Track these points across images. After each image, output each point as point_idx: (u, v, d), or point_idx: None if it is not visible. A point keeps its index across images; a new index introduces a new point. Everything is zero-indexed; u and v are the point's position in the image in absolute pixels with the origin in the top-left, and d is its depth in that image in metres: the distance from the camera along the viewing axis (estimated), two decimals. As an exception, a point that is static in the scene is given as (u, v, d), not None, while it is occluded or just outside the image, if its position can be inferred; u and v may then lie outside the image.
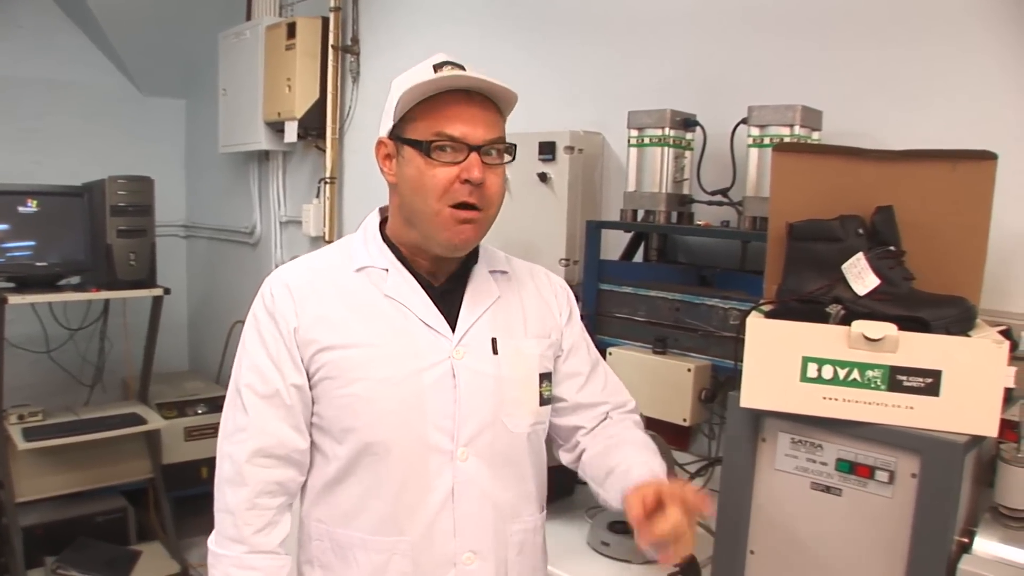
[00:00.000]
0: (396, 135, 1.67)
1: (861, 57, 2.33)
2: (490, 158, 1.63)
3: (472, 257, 1.79)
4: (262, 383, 1.67)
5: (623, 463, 1.69)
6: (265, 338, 1.68)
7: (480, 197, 1.61)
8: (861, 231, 1.69)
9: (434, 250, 1.68)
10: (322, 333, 1.65)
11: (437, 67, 1.63)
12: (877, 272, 1.64)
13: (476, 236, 1.67)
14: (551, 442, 1.90)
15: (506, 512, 1.74)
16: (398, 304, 1.68)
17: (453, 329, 1.70)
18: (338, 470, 1.67)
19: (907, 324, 1.52)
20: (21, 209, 4.23)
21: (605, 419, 1.88)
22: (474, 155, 1.59)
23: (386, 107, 1.68)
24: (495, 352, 1.72)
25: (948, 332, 1.54)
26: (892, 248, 1.68)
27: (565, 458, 1.91)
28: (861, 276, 1.65)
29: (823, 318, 1.63)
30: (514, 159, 1.70)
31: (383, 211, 1.80)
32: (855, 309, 1.61)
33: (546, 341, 1.82)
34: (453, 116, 1.59)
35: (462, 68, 1.63)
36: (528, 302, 1.83)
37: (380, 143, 1.71)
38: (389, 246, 1.73)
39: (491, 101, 1.64)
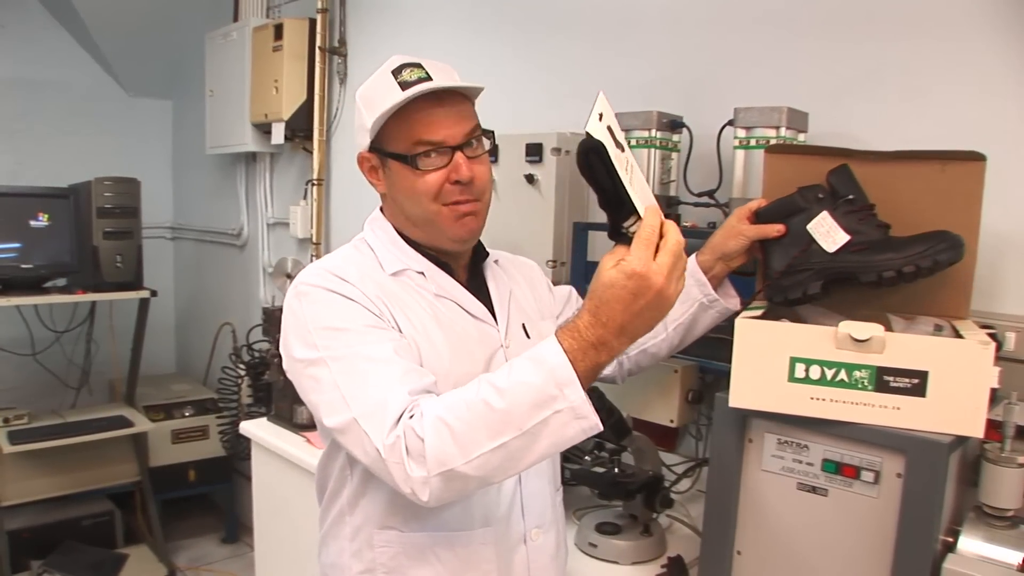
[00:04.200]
0: (376, 148, 1.69)
1: (847, 57, 2.34)
2: (472, 150, 1.67)
3: (478, 250, 1.84)
4: (365, 328, 1.56)
5: None
6: (347, 305, 1.59)
7: (472, 191, 1.66)
8: (822, 195, 1.73)
9: (444, 245, 1.72)
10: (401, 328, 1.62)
11: (396, 72, 1.64)
12: (846, 228, 1.68)
13: (479, 225, 1.72)
14: None
15: (553, 484, 1.85)
16: (450, 302, 1.71)
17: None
18: None
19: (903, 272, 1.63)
20: (5, 211, 4.22)
21: None
22: (458, 155, 1.63)
23: (356, 122, 1.71)
24: (528, 337, 1.80)
25: (937, 263, 1.62)
26: (852, 198, 1.73)
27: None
28: (829, 234, 1.69)
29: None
30: (494, 143, 1.74)
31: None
32: (834, 267, 1.69)
33: (554, 322, 1.93)
34: (428, 122, 1.62)
35: (419, 66, 1.65)
36: (527, 285, 1.93)
37: (363, 158, 1.73)
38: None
39: (458, 93, 1.67)
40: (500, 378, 1.40)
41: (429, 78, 1.61)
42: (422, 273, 1.71)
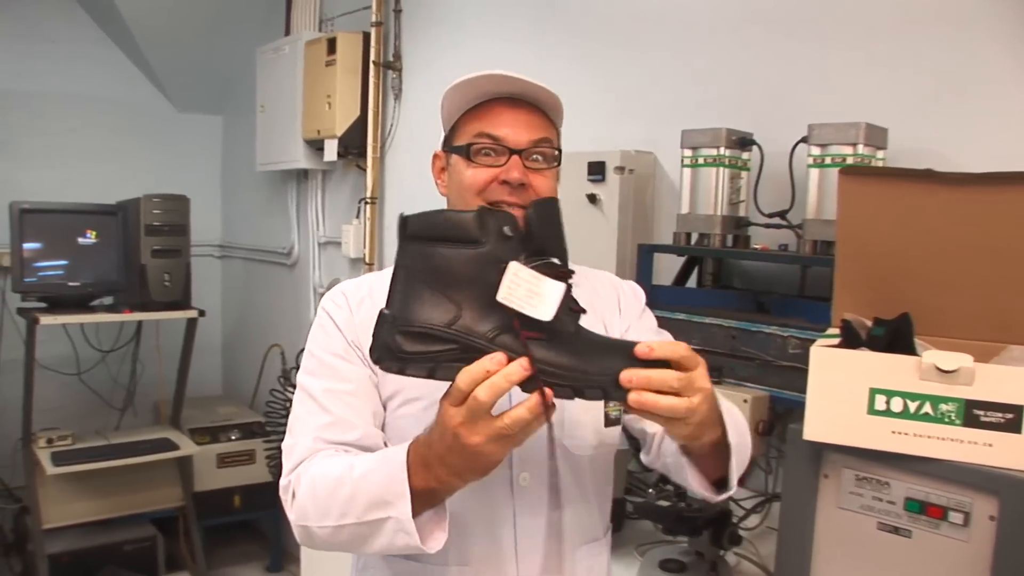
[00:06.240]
0: (446, 146, 1.71)
1: (930, 67, 2.30)
2: (535, 163, 1.62)
3: None
4: None
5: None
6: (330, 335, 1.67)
7: (523, 198, 1.59)
8: (511, 233, 1.28)
9: None
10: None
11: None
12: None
13: None
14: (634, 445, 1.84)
15: (570, 536, 1.69)
16: None
17: None
18: None
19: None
20: (53, 227, 4.28)
21: None
22: (515, 158, 1.60)
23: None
24: None
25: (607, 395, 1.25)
26: (555, 261, 1.30)
27: (645, 459, 1.78)
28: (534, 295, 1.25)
29: (903, 346, 1.59)
30: (559, 165, 1.68)
31: None
32: (486, 349, 1.24)
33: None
34: (496, 119, 1.62)
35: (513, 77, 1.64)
36: (589, 312, 1.74)
37: (435, 156, 1.75)
38: None
39: (539, 109, 1.65)
40: (359, 463, 1.45)
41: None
42: None
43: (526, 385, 1.22)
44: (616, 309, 1.80)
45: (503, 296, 1.23)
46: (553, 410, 1.23)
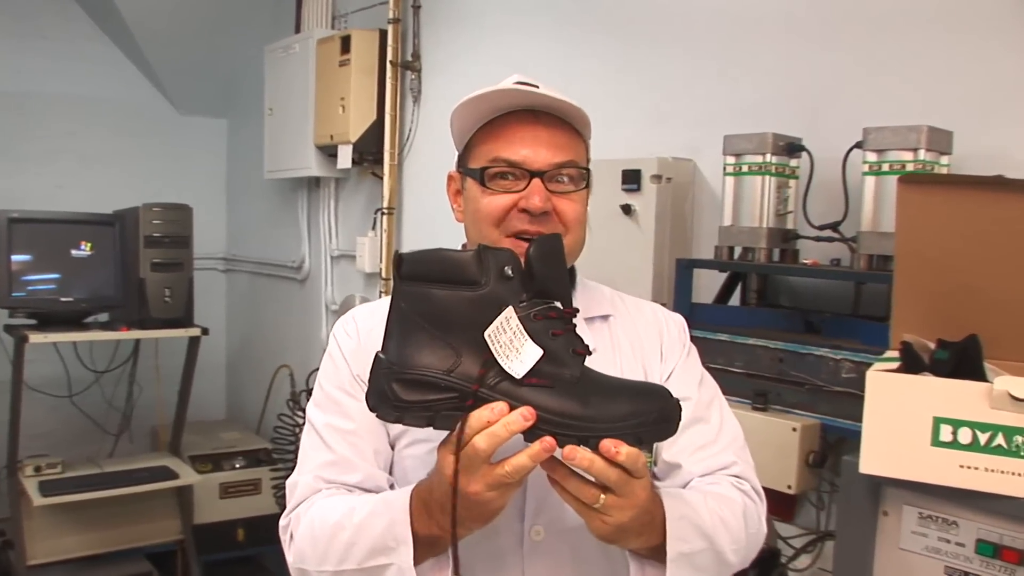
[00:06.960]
0: (460, 165, 1.66)
1: (998, 64, 2.28)
2: (560, 185, 1.57)
3: None
4: None
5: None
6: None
7: (548, 227, 1.54)
8: (511, 272, 1.29)
9: None
10: None
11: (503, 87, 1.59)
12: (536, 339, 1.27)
13: None
14: None
15: None
16: None
17: None
18: None
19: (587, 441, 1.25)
20: (45, 238, 4.29)
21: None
22: (535, 182, 1.54)
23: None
24: None
25: (640, 441, 1.25)
26: (557, 305, 1.30)
27: None
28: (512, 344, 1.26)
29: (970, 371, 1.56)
30: (588, 186, 1.63)
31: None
32: (488, 398, 1.25)
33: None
34: (514, 139, 1.56)
35: (534, 85, 1.58)
36: (629, 352, 1.70)
37: (449, 178, 1.70)
38: None
39: (565, 122, 1.60)
40: (360, 506, 1.47)
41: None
42: None
43: (529, 434, 1.23)
44: (658, 353, 1.73)
45: (490, 333, 1.25)
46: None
